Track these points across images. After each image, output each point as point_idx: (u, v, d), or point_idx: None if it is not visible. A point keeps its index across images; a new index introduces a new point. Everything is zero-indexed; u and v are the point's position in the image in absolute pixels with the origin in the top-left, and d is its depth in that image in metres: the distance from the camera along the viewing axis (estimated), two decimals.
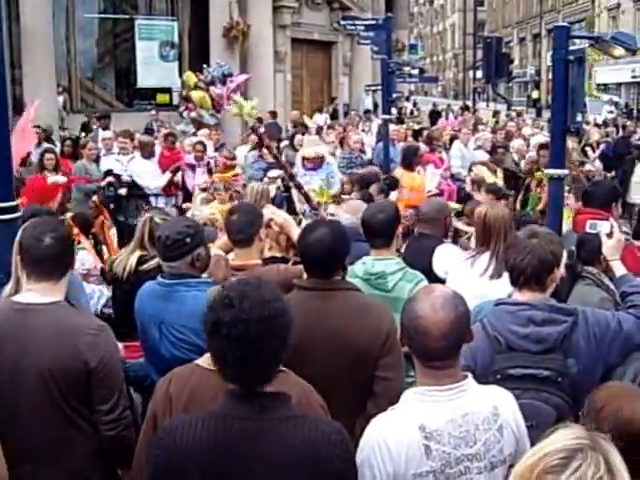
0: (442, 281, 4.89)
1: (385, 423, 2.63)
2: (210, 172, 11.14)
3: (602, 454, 1.90)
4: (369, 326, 3.54)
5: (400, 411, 2.65)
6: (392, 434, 2.56)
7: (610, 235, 3.97)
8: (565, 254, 3.54)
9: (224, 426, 2.38)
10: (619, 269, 3.91)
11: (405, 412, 2.63)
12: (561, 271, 3.52)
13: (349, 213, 5.36)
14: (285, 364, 2.69)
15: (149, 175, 10.89)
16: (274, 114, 19.79)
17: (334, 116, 21.58)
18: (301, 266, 3.86)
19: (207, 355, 2.84)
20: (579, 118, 4.90)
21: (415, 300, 2.70)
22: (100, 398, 3.26)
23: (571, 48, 4.93)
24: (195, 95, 16.55)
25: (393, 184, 8.48)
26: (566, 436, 1.96)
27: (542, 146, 9.59)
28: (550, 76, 5.58)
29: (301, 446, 2.35)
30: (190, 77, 17.38)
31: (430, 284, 3.20)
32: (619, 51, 4.99)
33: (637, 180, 13.08)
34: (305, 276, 3.79)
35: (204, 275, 4.17)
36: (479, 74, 35.73)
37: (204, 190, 9.81)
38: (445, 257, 5.24)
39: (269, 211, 4.95)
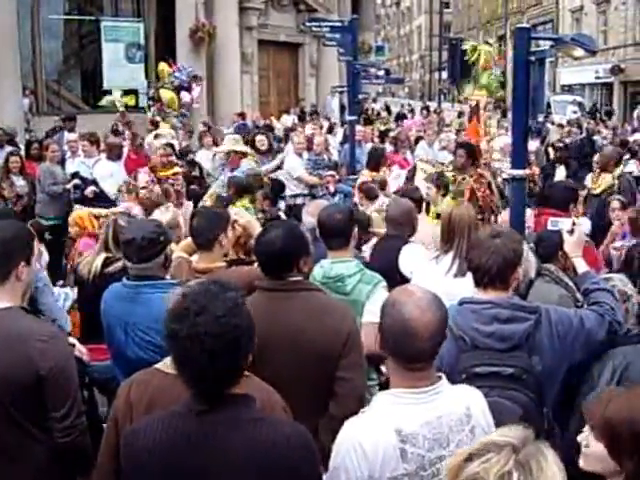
0: (408, 280, 4.95)
1: (360, 426, 2.62)
2: None
3: (522, 455, 1.95)
4: (330, 326, 3.55)
5: (375, 414, 2.64)
6: (368, 437, 2.55)
7: (571, 232, 4.02)
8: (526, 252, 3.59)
9: (184, 426, 2.38)
10: (581, 266, 3.95)
11: (380, 415, 2.61)
12: (531, 267, 3.57)
13: (311, 215, 5.34)
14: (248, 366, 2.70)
15: (113, 179, 10.80)
16: (242, 115, 19.77)
17: (301, 117, 21.57)
18: None
19: (168, 359, 2.85)
20: (540, 118, 4.97)
21: (399, 303, 2.66)
22: (53, 405, 3.21)
23: (534, 49, 5.01)
24: (165, 95, 16.54)
25: (280, 189, 8.42)
26: (500, 434, 2.05)
27: (459, 145, 9.05)
28: None
29: (262, 447, 2.34)
30: (164, 68, 17.36)
31: (407, 285, 3.19)
32: (579, 52, 5.07)
33: None
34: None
35: (167, 276, 4.19)
36: (445, 75, 35.91)
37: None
38: (411, 256, 5.28)
39: (233, 212, 4.96)
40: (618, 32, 43.53)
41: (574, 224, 4.05)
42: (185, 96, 16.30)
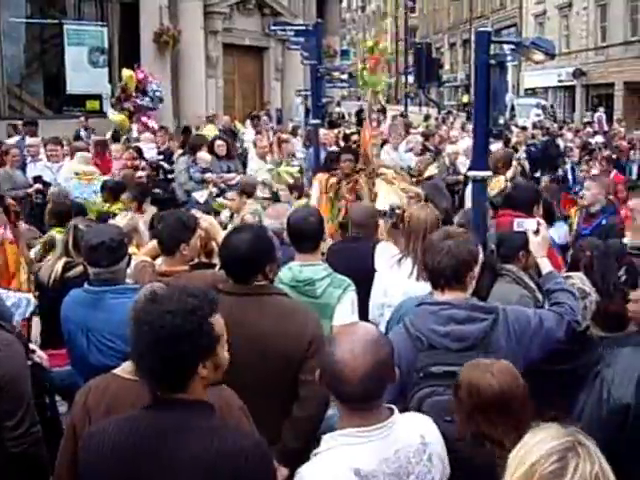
0: None
1: (316, 470, 2.49)
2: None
3: (590, 447, 1.94)
4: (294, 330, 3.56)
5: (331, 455, 2.50)
6: None
7: (536, 233, 4.06)
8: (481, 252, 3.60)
9: (139, 431, 2.36)
10: (545, 266, 3.98)
11: (337, 456, 2.49)
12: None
13: (271, 218, 5.33)
14: None
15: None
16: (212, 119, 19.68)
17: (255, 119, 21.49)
18: None
19: (126, 364, 2.84)
20: (501, 121, 5.01)
21: (335, 342, 2.58)
22: (5, 414, 3.18)
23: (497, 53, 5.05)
24: (116, 119, 16.40)
25: (143, 193, 8.35)
26: (547, 438, 1.96)
27: (345, 150, 8.99)
28: None
29: (215, 457, 2.32)
30: (130, 79, 17.24)
31: (357, 323, 3.12)
32: (539, 56, 5.12)
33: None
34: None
35: (129, 281, 4.17)
36: (411, 79, 36.12)
37: None
38: (379, 256, 5.29)
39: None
40: (580, 36, 44.22)
41: (539, 224, 4.08)
42: (134, 130, 16.26)
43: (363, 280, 4.96)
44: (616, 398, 3.11)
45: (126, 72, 17.71)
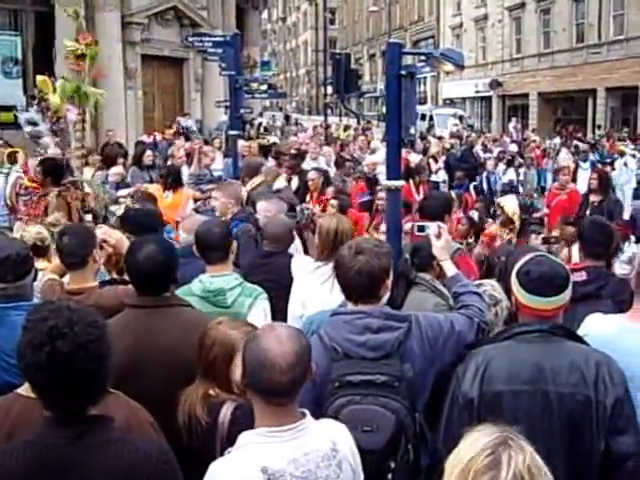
0: None
1: (226, 467, 2.55)
2: None
3: (520, 441, 1.99)
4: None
5: (241, 454, 2.58)
6: (233, 478, 2.49)
7: (438, 236, 4.10)
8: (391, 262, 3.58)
9: (40, 455, 2.29)
10: (449, 269, 4.03)
11: (246, 455, 2.56)
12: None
13: (186, 232, 5.31)
14: (118, 384, 2.65)
15: None
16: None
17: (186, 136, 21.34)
18: None
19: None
20: (412, 131, 5.08)
21: (258, 336, 2.64)
22: None
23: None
24: (55, 100, 15.99)
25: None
26: (480, 437, 2.01)
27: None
28: None
29: (123, 469, 2.29)
30: (45, 83, 16.84)
31: (273, 323, 3.15)
32: (448, 67, 5.21)
33: None
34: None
35: (39, 295, 4.06)
36: (331, 90, 36.31)
37: None
38: (297, 265, 5.27)
39: (102, 231, 4.83)
40: (496, 48, 45.34)
41: (440, 228, 4.12)
42: (72, 111, 15.91)
43: (284, 294, 4.97)
44: (463, 393, 3.16)
45: (39, 78, 17.33)
